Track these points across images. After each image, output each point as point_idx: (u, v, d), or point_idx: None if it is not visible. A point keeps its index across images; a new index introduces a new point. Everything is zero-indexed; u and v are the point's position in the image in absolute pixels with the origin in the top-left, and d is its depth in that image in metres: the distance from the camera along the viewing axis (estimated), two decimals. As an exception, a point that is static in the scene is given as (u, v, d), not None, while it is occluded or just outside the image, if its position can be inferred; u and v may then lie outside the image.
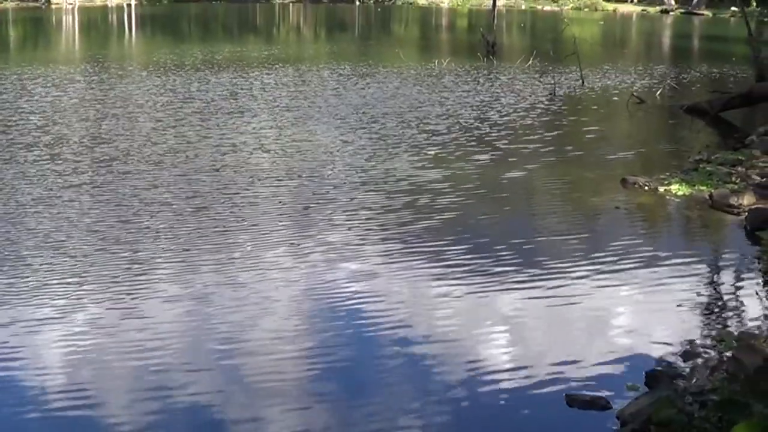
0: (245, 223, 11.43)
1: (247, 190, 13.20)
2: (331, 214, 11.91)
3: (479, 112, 21.09)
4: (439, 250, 10.40)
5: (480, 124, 19.33)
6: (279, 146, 16.62)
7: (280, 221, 11.56)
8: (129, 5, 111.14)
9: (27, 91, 23.84)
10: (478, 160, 15.62)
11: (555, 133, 18.76)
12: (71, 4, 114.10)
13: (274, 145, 16.69)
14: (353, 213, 11.97)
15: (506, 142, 17.51)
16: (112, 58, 36.57)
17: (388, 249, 10.42)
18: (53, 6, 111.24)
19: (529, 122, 19.94)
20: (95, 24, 74.11)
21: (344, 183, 13.68)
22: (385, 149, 16.30)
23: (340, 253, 10.20)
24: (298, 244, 10.49)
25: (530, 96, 24.12)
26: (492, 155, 16.10)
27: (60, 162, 14.97)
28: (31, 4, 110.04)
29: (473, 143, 17.22)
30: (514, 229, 11.58)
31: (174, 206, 12.11)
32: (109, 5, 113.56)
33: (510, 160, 15.74)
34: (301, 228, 11.25)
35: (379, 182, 13.74)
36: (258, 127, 18.55)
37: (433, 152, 16.19)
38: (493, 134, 18.22)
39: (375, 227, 11.31)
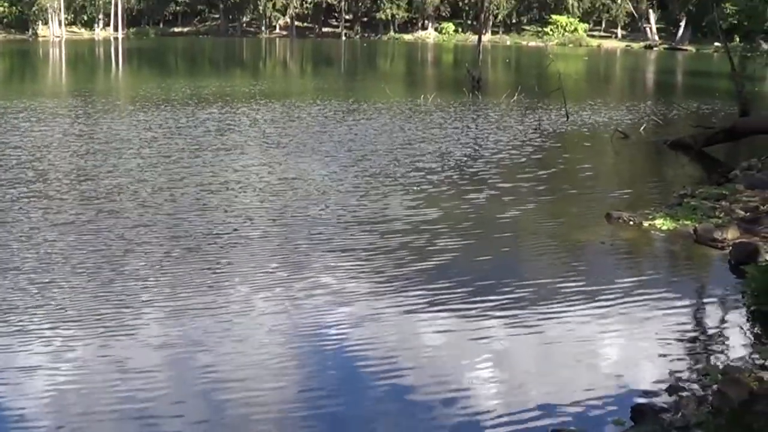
0: (234, 264, 11.21)
1: (237, 230, 12.96)
2: (323, 254, 11.72)
3: (466, 148, 21.14)
4: (428, 288, 10.33)
5: (467, 161, 19.36)
6: (269, 184, 16.44)
7: (271, 262, 11.33)
8: (116, 38, 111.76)
9: (12, 126, 23.81)
10: (466, 198, 15.57)
11: (541, 168, 18.78)
12: (58, 36, 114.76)
13: (264, 183, 16.51)
14: (346, 254, 11.76)
15: (493, 178, 17.53)
16: (98, 91, 36.63)
17: (379, 289, 10.30)
18: (40, 38, 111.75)
19: (516, 158, 19.97)
20: (82, 57, 74.25)
21: (337, 222, 13.50)
22: (377, 188, 16.18)
23: (333, 295, 10.05)
24: (290, 286, 10.32)
25: (516, 132, 24.22)
26: (480, 192, 16.06)
27: (45, 199, 14.75)
28: (18, 36, 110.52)
29: (462, 180, 17.23)
30: (501, 266, 11.52)
31: (161, 246, 11.88)
32: (96, 38, 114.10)
33: (497, 196, 15.74)
34: (293, 269, 11.02)
35: (371, 222, 13.54)
36: (247, 164, 18.41)
37: (423, 189, 16.12)
38: (481, 171, 18.24)
39: (367, 268, 11.13)
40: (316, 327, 9.11)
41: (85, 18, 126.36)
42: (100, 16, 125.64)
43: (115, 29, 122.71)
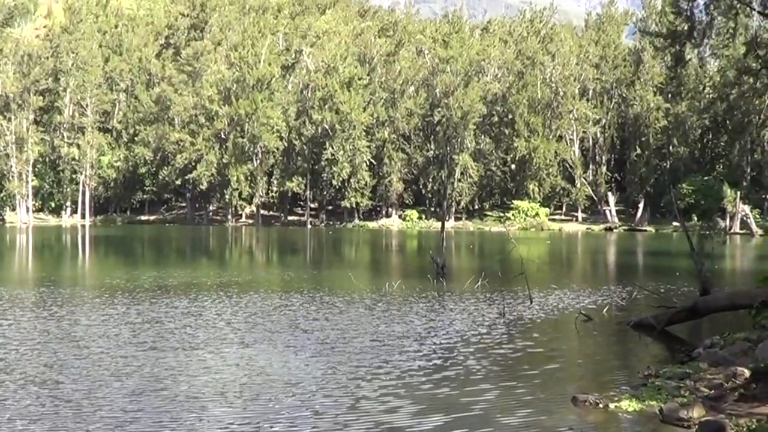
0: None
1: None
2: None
3: (428, 339, 20.87)
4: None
5: (441, 353, 18.93)
6: (247, 389, 15.16)
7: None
8: (83, 226, 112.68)
9: (-28, 320, 23.15)
10: (440, 389, 15.46)
11: (507, 356, 18.71)
12: (25, 223, 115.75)
13: (242, 388, 15.20)
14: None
15: (458, 367, 17.39)
16: (64, 281, 36.49)
17: None
18: (8, 224, 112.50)
19: (481, 346, 19.75)
20: (49, 244, 74.53)
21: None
22: (363, 396, 14.94)
23: None
24: None
25: (481, 319, 24.23)
26: (448, 382, 15.95)
27: (4, 405, 13.89)
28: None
29: (435, 373, 16.85)
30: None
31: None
32: (64, 225, 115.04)
33: (463, 384, 15.65)
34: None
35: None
36: (219, 365, 17.21)
37: (394, 385, 15.78)
38: (447, 361, 18.00)
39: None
40: None
41: (53, 205, 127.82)
42: (68, 203, 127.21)
43: (83, 216, 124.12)
